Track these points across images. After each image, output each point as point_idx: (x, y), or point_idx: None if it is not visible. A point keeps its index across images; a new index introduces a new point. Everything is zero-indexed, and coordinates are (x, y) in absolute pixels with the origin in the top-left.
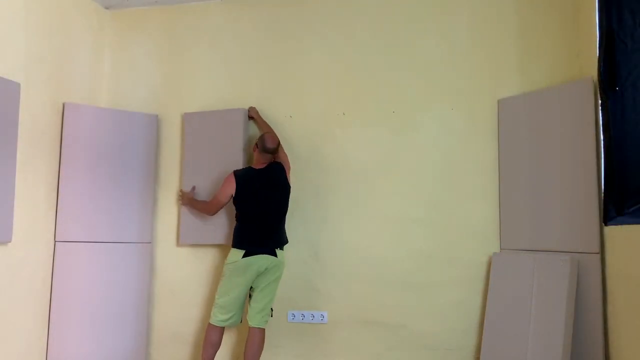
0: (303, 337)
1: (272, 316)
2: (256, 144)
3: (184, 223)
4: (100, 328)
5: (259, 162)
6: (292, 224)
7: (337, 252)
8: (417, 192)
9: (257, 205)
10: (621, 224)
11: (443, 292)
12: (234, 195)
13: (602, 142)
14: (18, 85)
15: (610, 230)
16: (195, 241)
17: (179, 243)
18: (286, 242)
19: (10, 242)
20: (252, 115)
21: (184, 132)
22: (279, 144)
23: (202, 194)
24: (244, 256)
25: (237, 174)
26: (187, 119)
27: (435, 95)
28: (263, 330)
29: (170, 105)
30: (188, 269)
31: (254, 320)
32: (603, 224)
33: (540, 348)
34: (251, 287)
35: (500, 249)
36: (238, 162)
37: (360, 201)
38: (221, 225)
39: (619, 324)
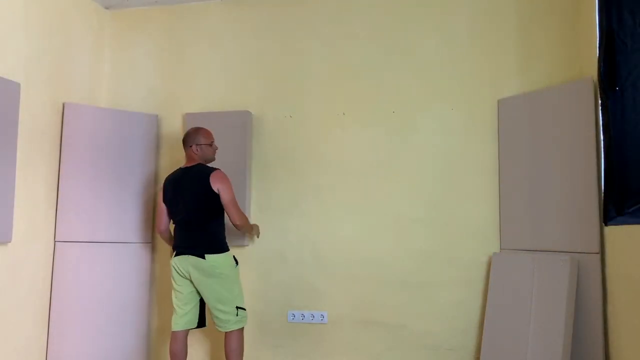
0: (303, 337)
1: (237, 315)
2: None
3: None
4: (100, 328)
5: (187, 160)
6: (293, 224)
7: (337, 252)
8: (417, 192)
9: (175, 206)
10: (621, 224)
11: (443, 292)
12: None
13: (602, 142)
14: (18, 85)
15: (610, 230)
16: None
17: None
18: (219, 248)
19: (10, 242)
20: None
21: (184, 132)
22: (194, 132)
23: None
24: (175, 256)
25: (167, 178)
26: (189, 120)
27: (435, 95)
28: (235, 332)
29: (170, 105)
30: None
31: (219, 326)
32: (603, 224)
33: (541, 348)
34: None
35: (500, 249)
36: (242, 164)
37: (360, 201)
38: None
39: (619, 324)
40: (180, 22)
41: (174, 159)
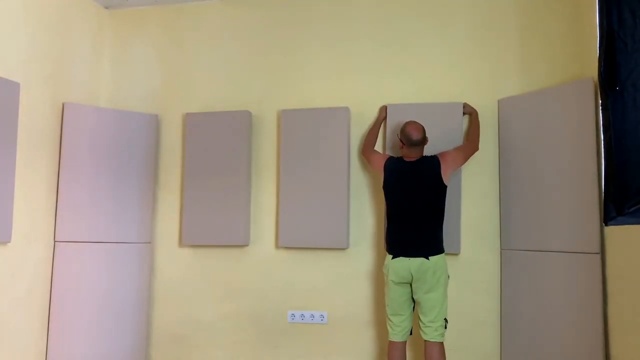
0: (303, 337)
1: (446, 327)
2: (400, 139)
3: (187, 223)
4: (100, 328)
5: (408, 156)
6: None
7: (337, 252)
8: None
9: (402, 201)
10: (621, 224)
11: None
12: (382, 181)
13: (602, 142)
14: (18, 85)
15: (610, 230)
16: (198, 242)
17: (181, 244)
18: (441, 248)
19: (10, 242)
20: (466, 112)
21: (184, 132)
22: (423, 131)
23: (204, 196)
24: (392, 259)
25: (387, 162)
26: (190, 120)
27: (436, 95)
28: (439, 344)
29: (170, 105)
30: (188, 269)
31: (425, 334)
32: (603, 224)
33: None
34: (414, 298)
35: (501, 249)
36: (242, 164)
37: (361, 201)
38: (223, 226)
39: (619, 324)
40: (180, 22)
41: (174, 159)
